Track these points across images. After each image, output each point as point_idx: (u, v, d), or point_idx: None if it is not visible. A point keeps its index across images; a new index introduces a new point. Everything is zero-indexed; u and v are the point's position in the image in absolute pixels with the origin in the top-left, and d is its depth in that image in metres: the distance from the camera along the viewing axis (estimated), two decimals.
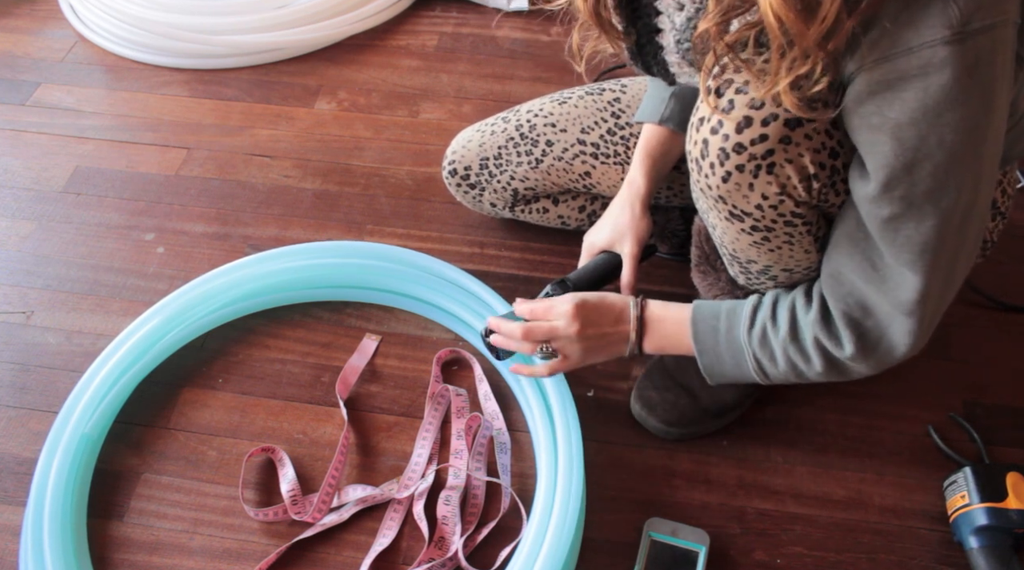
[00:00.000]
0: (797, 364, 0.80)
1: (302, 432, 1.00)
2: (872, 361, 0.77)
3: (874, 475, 0.97)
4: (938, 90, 0.59)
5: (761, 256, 0.81)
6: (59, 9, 1.63)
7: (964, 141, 0.62)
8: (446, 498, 0.92)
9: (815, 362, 0.78)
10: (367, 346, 1.08)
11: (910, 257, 0.69)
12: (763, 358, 0.81)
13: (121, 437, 0.99)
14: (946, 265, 0.70)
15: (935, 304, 0.73)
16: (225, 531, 0.91)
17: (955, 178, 0.64)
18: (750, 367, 0.83)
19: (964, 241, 0.70)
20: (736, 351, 0.83)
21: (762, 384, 0.85)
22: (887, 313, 0.74)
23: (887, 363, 0.77)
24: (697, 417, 0.98)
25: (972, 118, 0.61)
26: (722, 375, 0.86)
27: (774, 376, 0.83)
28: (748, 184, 0.72)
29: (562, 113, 1.08)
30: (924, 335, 0.74)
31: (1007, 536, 0.86)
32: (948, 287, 0.73)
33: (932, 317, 0.74)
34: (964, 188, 0.65)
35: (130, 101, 1.45)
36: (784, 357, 0.80)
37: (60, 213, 1.25)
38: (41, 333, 1.09)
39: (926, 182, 0.64)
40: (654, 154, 0.99)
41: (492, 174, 1.11)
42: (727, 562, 0.90)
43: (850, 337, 0.75)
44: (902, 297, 0.72)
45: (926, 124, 0.61)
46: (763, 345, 0.81)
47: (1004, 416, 1.02)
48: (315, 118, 1.41)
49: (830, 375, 0.80)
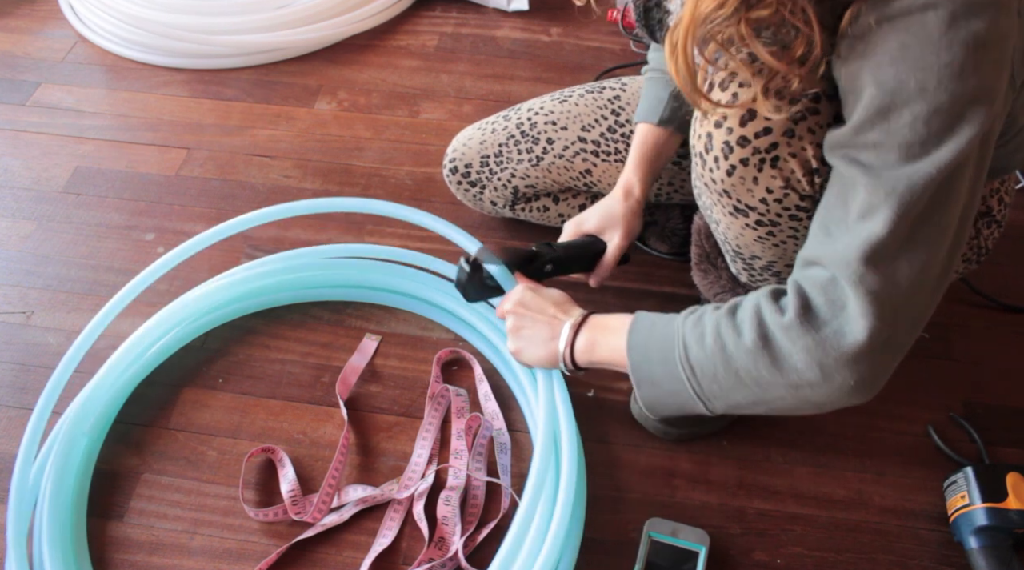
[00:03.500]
0: (726, 341, 0.67)
1: (302, 432, 1.00)
2: (813, 341, 0.63)
3: (874, 475, 0.97)
4: (920, 30, 0.56)
5: (765, 252, 0.81)
6: (59, 9, 1.63)
7: (948, 91, 0.57)
8: (446, 498, 0.92)
9: (746, 333, 0.66)
10: (367, 346, 1.08)
11: (861, 211, 0.61)
12: (692, 340, 0.70)
13: (121, 437, 0.99)
14: (908, 229, 0.60)
15: (898, 284, 0.61)
16: (225, 531, 0.91)
17: (935, 132, 0.58)
18: (677, 356, 0.71)
19: (939, 211, 0.60)
20: (667, 340, 0.73)
21: (695, 403, 0.73)
22: (841, 290, 0.62)
23: (835, 362, 0.63)
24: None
25: (958, 69, 0.56)
26: (650, 381, 0.75)
27: (699, 365, 0.70)
28: (752, 178, 0.72)
29: (563, 111, 1.08)
30: (887, 330, 0.62)
31: (1007, 536, 0.86)
32: (915, 267, 0.61)
33: (898, 304, 0.62)
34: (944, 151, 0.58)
35: (130, 101, 1.45)
36: (714, 333, 0.69)
37: (60, 213, 1.25)
38: (41, 333, 1.09)
39: (903, 132, 0.59)
40: (649, 156, 0.99)
41: (493, 172, 1.11)
42: (727, 562, 0.90)
43: (795, 304, 0.64)
44: (849, 255, 0.62)
45: (905, 65, 0.57)
46: (697, 324, 0.71)
47: (1004, 416, 1.02)
48: (315, 118, 1.41)
49: (761, 362, 0.65)
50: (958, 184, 0.60)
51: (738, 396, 0.70)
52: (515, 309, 0.85)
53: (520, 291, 0.87)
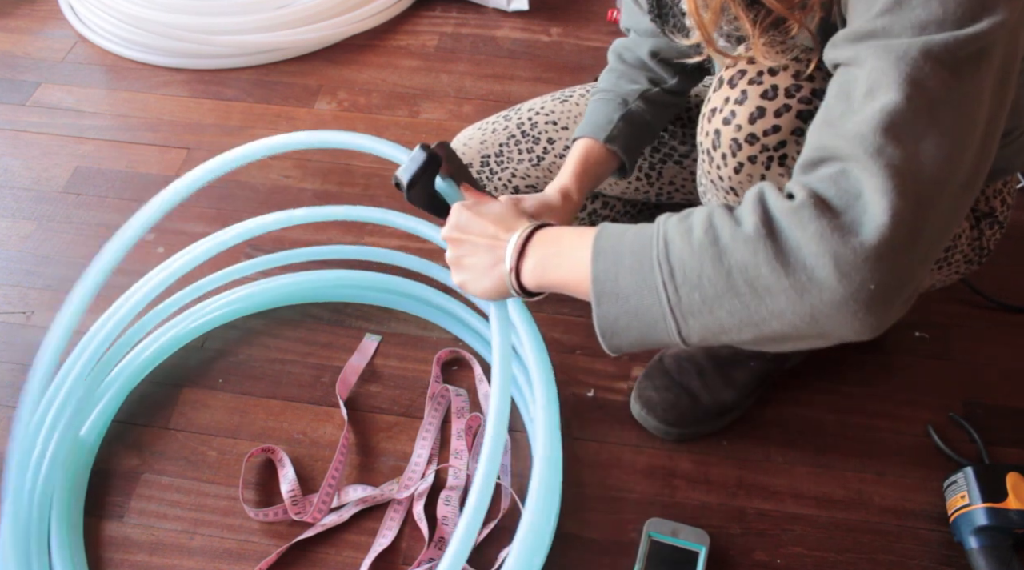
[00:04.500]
0: (720, 233, 0.54)
1: (302, 432, 1.00)
2: (828, 224, 0.51)
3: (874, 475, 0.97)
4: None
5: None
6: (59, 9, 1.63)
7: None
8: (446, 498, 0.92)
9: (747, 220, 0.53)
10: (367, 346, 1.08)
11: (869, 88, 0.53)
12: (676, 234, 0.56)
13: (121, 437, 0.99)
14: (926, 103, 0.51)
15: (923, 163, 0.51)
16: (225, 531, 0.91)
17: (953, 12, 0.51)
18: (654, 256, 0.57)
19: (960, 96, 0.52)
20: (643, 239, 0.58)
21: (672, 336, 0.58)
22: (855, 177, 0.52)
23: (852, 240, 0.50)
24: (697, 417, 0.98)
25: None
26: (615, 294, 0.59)
27: (680, 265, 0.56)
28: (760, 175, 0.72)
29: (563, 111, 1.08)
30: (913, 215, 0.50)
31: (1007, 536, 0.86)
32: (941, 152, 0.52)
33: (924, 186, 0.51)
34: (963, 28, 0.51)
35: (130, 101, 1.45)
36: (706, 223, 0.55)
37: (60, 213, 1.25)
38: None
39: (915, 12, 0.52)
40: (589, 171, 0.91)
41: (493, 172, 1.11)
42: (727, 562, 0.90)
43: (804, 192, 0.53)
44: (863, 129, 0.52)
45: None
46: (683, 220, 0.57)
47: (1004, 416, 1.02)
48: (315, 118, 1.41)
49: (762, 255, 0.52)
50: (981, 73, 0.52)
51: (723, 311, 0.55)
52: (452, 235, 0.73)
53: (457, 211, 0.73)
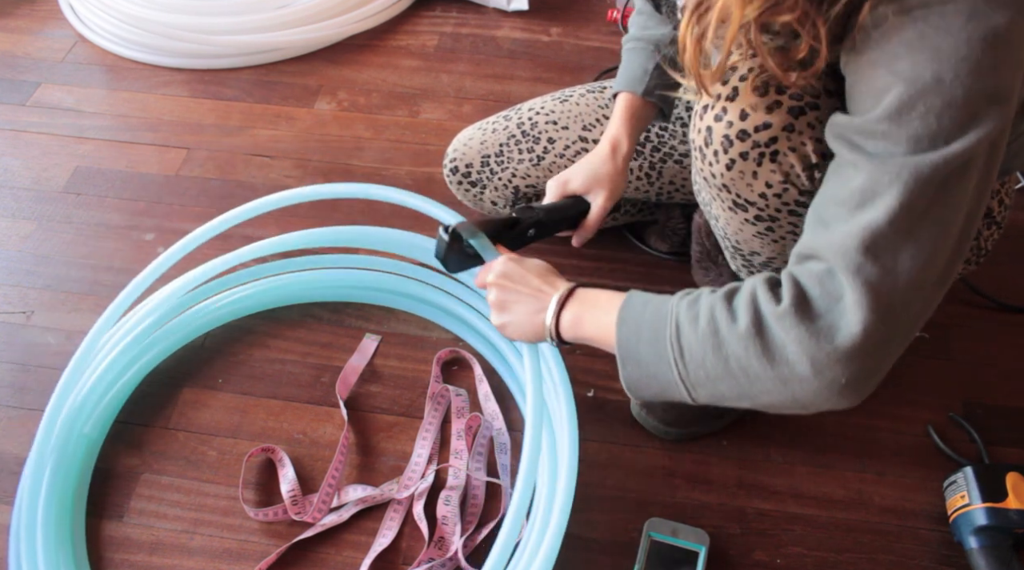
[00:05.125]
0: (720, 325, 0.64)
1: (302, 432, 1.00)
2: (807, 332, 0.60)
3: (874, 475, 0.97)
4: (940, 20, 0.55)
5: (764, 247, 0.81)
6: (59, 9, 1.63)
7: (963, 87, 0.55)
8: (446, 498, 0.92)
9: (741, 319, 0.63)
10: (367, 346, 1.08)
11: (861, 198, 0.59)
12: (685, 320, 0.66)
13: (121, 437, 0.99)
14: (909, 221, 0.58)
15: (897, 278, 0.59)
16: (225, 531, 0.91)
17: (947, 127, 0.56)
18: (667, 335, 0.67)
19: (943, 208, 0.58)
20: (659, 318, 0.69)
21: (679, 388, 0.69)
22: (839, 283, 0.60)
23: (825, 347, 0.59)
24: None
25: (975, 64, 0.55)
26: (636, 360, 0.71)
27: (689, 348, 0.66)
28: (752, 172, 0.72)
29: (563, 111, 1.08)
30: (884, 325, 0.59)
31: (1007, 536, 0.86)
32: (916, 263, 0.59)
33: (896, 299, 0.59)
34: (955, 145, 0.56)
35: (130, 101, 1.45)
36: (708, 315, 0.65)
37: (60, 213, 1.25)
38: (41, 333, 1.09)
39: (914, 124, 0.57)
40: (634, 119, 0.96)
41: (493, 172, 1.11)
42: (727, 562, 0.90)
43: (791, 293, 0.61)
44: (847, 244, 0.59)
45: (922, 56, 0.56)
46: (692, 305, 0.67)
47: (1004, 416, 1.02)
48: (315, 118, 1.41)
49: (752, 351, 0.62)
50: (964, 182, 0.58)
51: (724, 386, 0.66)
52: (499, 282, 0.81)
53: (502, 262, 0.82)
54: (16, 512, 0.87)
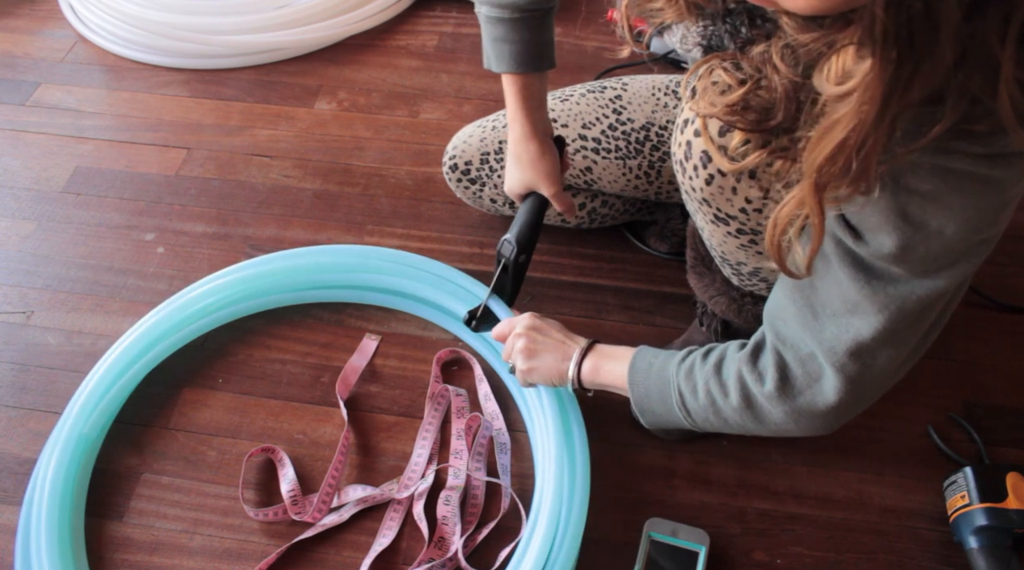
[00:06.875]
0: (716, 398, 0.76)
1: (302, 432, 1.00)
2: (790, 407, 0.72)
3: (874, 475, 0.97)
4: (956, 181, 0.56)
5: (750, 259, 0.81)
6: (59, 9, 1.63)
7: (963, 240, 0.58)
8: (446, 498, 0.92)
9: (732, 396, 0.74)
10: (367, 346, 1.08)
11: (851, 308, 0.65)
12: (686, 390, 0.78)
13: (121, 437, 0.99)
14: (892, 334, 0.65)
15: (873, 371, 0.68)
16: (225, 531, 0.91)
17: (940, 265, 0.60)
18: (674, 400, 0.80)
19: (923, 320, 0.65)
20: (663, 383, 0.80)
21: (692, 428, 0.83)
22: (819, 365, 0.69)
23: (807, 417, 0.72)
24: None
25: (977, 223, 0.58)
26: (652, 412, 0.84)
27: (694, 411, 0.79)
28: (731, 188, 0.72)
29: (563, 109, 1.08)
30: (855, 400, 0.70)
31: (1007, 536, 0.86)
32: (891, 358, 0.67)
33: (868, 383, 0.69)
34: (942, 278, 0.61)
35: (130, 101, 1.45)
36: (704, 389, 0.76)
37: (60, 213, 1.25)
38: (41, 333, 1.09)
39: (910, 264, 0.61)
40: (531, 89, 0.96)
41: (493, 169, 1.11)
42: (727, 562, 0.90)
43: (774, 376, 0.71)
44: (837, 347, 0.67)
45: (932, 207, 0.57)
46: (689, 376, 0.78)
47: (1004, 416, 1.02)
48: (315, 118, 1.41)
49: (745, 416, 0.75)
50: (941, 303, 0.65)
51: (727, 430, 0.80)
52: (528, 333, 0.90)
53: (528, 318, 0.92)
54: (23, 512, 0.88)
